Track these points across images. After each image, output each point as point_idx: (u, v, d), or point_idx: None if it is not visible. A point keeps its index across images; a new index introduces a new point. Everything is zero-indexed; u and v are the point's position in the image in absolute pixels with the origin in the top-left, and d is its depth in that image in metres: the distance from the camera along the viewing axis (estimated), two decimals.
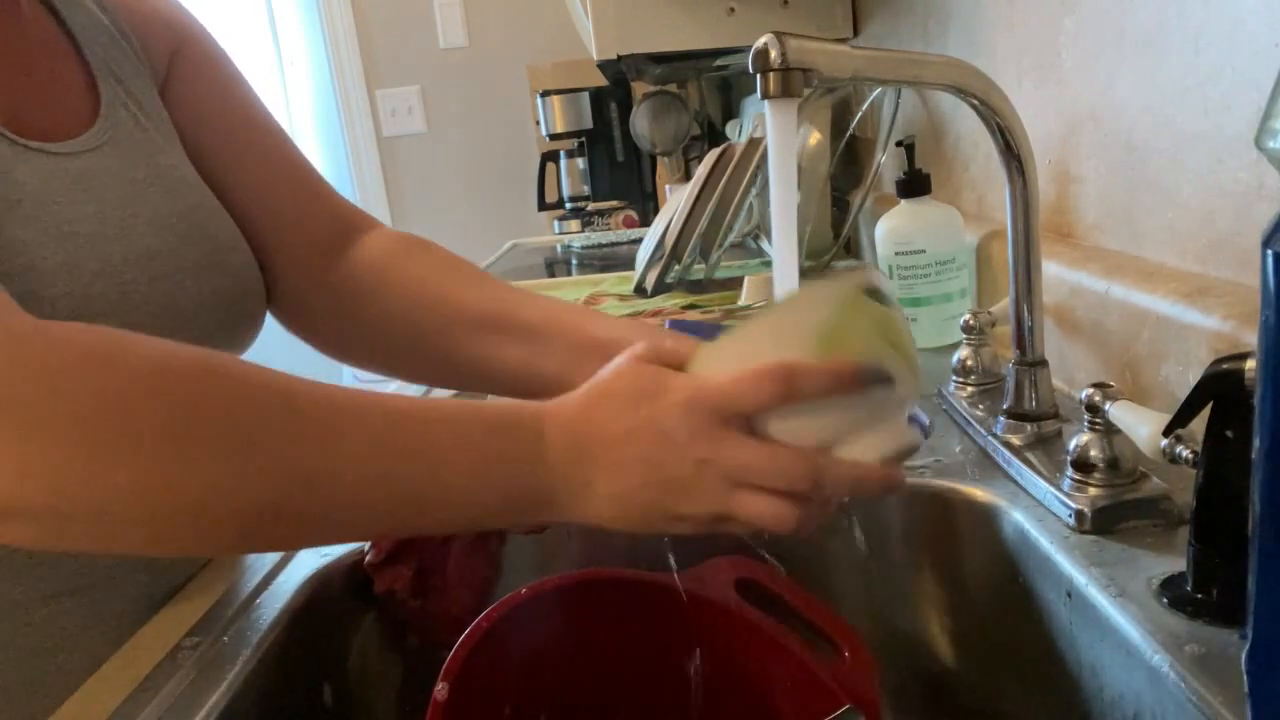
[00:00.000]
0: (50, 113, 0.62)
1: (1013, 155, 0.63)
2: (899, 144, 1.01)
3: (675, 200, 1.48)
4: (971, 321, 0.79)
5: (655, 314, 1.31)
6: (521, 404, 0.50)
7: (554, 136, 2.44)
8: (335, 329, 0.77)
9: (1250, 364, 0.42)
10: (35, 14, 0.64)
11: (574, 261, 2.00)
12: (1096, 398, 0.56)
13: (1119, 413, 0.54)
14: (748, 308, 1.24)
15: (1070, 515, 0.57)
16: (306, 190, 0.77)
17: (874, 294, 0.49)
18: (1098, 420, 0.56)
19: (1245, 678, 0.36)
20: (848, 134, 1.42)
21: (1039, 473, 0.62)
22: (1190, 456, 0.47)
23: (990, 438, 0.69)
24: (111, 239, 0.60)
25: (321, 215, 0.77)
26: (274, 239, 0.74)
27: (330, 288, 0.75)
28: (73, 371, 0.41)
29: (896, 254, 0.98)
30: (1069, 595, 0.54)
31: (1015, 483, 0.64)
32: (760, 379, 0.46)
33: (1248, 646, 0.36)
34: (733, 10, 1.35)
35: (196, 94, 0.73)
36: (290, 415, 0.45)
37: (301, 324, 0.78)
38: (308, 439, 0.45)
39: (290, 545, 0.51)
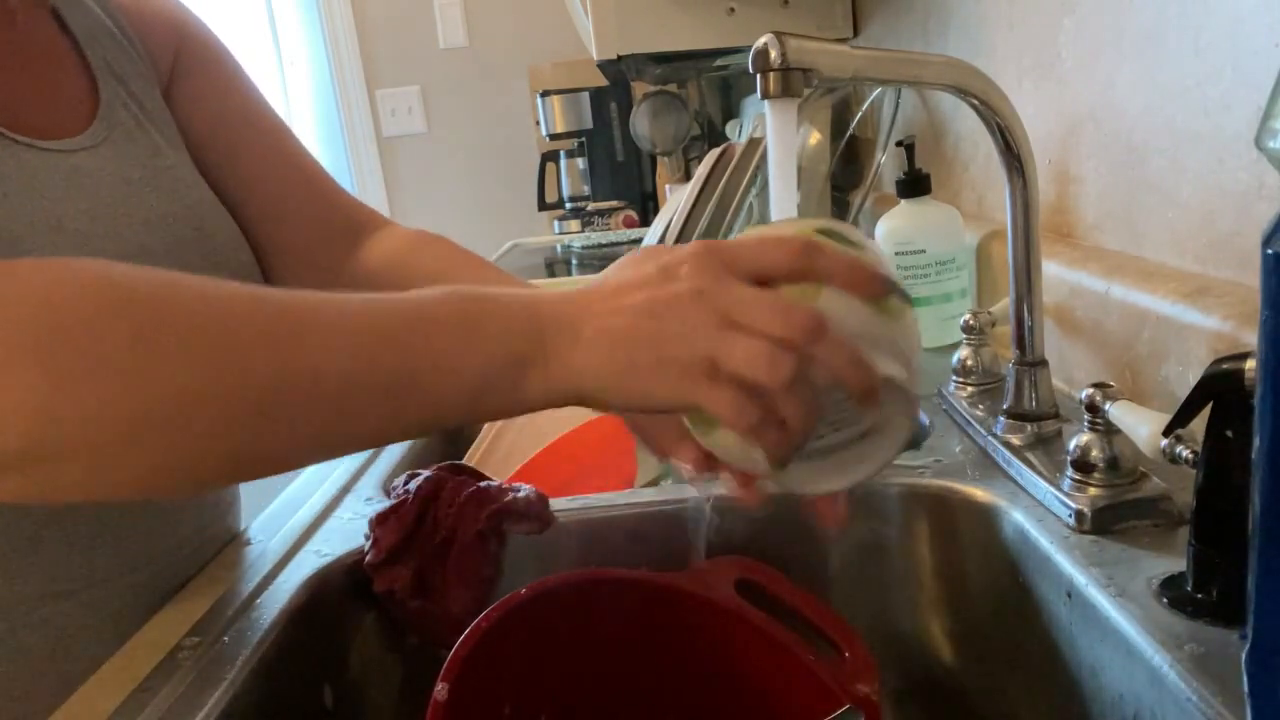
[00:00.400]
0: (48, 113, 0.62)
1: (1013, 155, 0.63)
2: (899, 144, 1.01)
3: (675, 200, 1.48)
4: (971, 321, 0.79)
5: None
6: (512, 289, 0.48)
7: (554, 136, 2.44)
8: None
9: (1250, 364, 0.42)
10: (35, 16, 0.64)
11: (574, 261, 2.00)
12: (1096, 398, 0.56)
13: (1119, 413, 0.54)
14: None
15: (1070, 515, 0.57)
16: (311, 186, 0.77)
17: (832, 235, 0.46)
18: (1098, 420, 0.56)
19: (1245, 678, 0.36)
20: (848, 134, 1.42)
21: (1039, 473, 0.62)
22: (1190, 456, 0.47)
23: (990, 438, 0.69)
24: (102, 236, 0.60)
25: (328, 211, 0.77)
26: (279, 235, 0.74)
27: (346, 285, 0.74)
28: (24, 302, 0.39)
29: (896, 254, 0.98)
30: (1069, 595, 0.54)
31: (1015, 483, 0.64)
32: (782, 244, 0.44)
33: (1248, 646, 0.36)
34: (733, 10, 1.35)
35: (200, 92, 0.73)
36: (258, 314, 0.43)
37: None
38: (281, 333, 0.42)
39: (284, 456, 0.47)
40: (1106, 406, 0.55)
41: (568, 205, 2.49)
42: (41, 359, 0.38)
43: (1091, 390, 0.56)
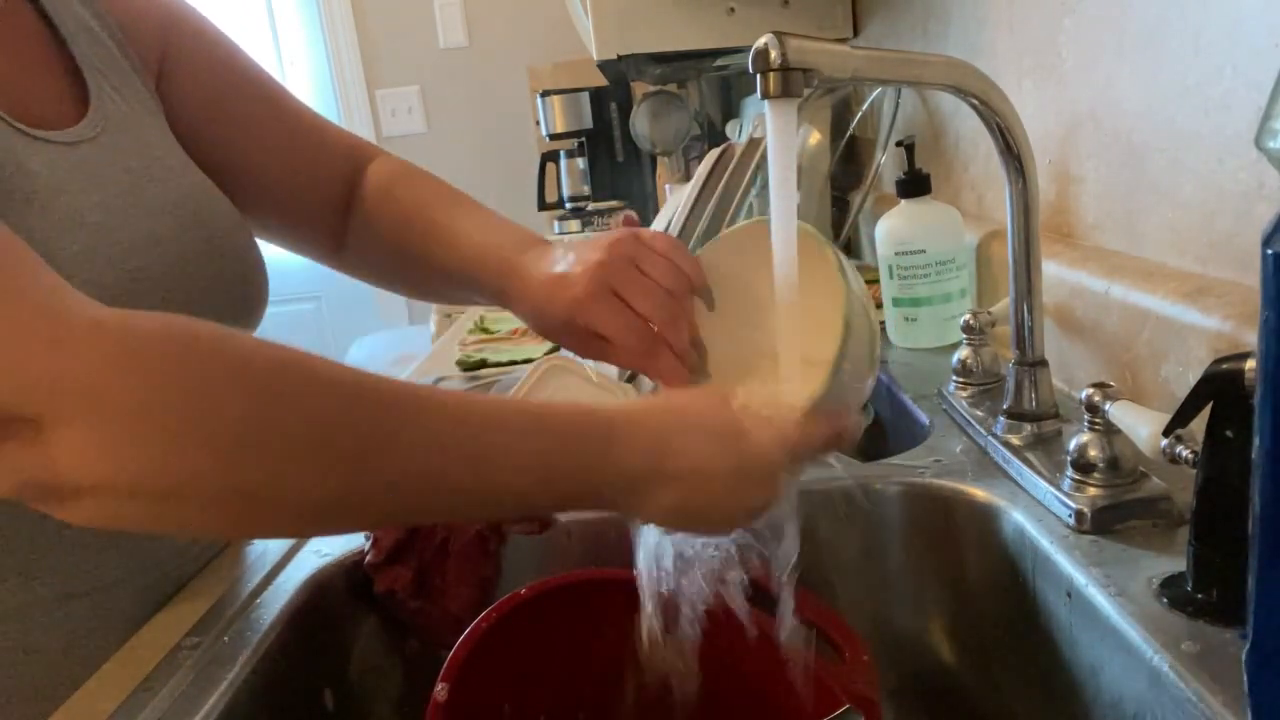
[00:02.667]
0: (45, 106, 0.62)
1: (1013, 155, 0.63)
2: (899, 144, 1.01)
3: (675, 200, 1.48)
4: (971, 321, 0.79)
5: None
6: (593, 411, 0.52)
7: (554, 136, 2.44)
8: (380, 259, 0.81)
9: (1250, 364, 0.42)
10: (16, 8, 0.64)
11: None
12: (1096, 398, 0.56)
13: (1119, 413, 0.54)
14: None
15: (1070, 515, 0.57)
16: (318, 141, 0.80)
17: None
18: (1098, 420, 0.56)
19: (1245, 678, 0.36)
20: (848, 134, 1.42)
21: (1039, 473, 0.62)
22: (1190, 456, 0.47)
23: (990, 438, 0.69)
24: (116, 227, 0.60)
25: (336, 158, 0.81)
26: (301, 194, 0.78)
27: (352, 226, 0.80)
28: (156, 361, 0.42)
29: (896, 254, 0.98)
30: (1069, 595, 0.54)
31: (1015, 483, 0.64)
32: (824, 427, 0.54)
33: (1248, 646, 0.36)
34: (733, 10, 1.35)
35: (195, 79, 0.74)
36: (360, 413, 0.45)
37: (363, 265, 0.82)
38: (377, 436, 0.45)
39: (345, 530, 0.57)
40: (1106, 406, 0.55)
41: (568, 205, 2.48)
42: (165, 417, 0.41)
43: (1091, 390, 0.56)
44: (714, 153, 1.40)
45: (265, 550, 0.70)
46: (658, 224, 1.51)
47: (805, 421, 0.54)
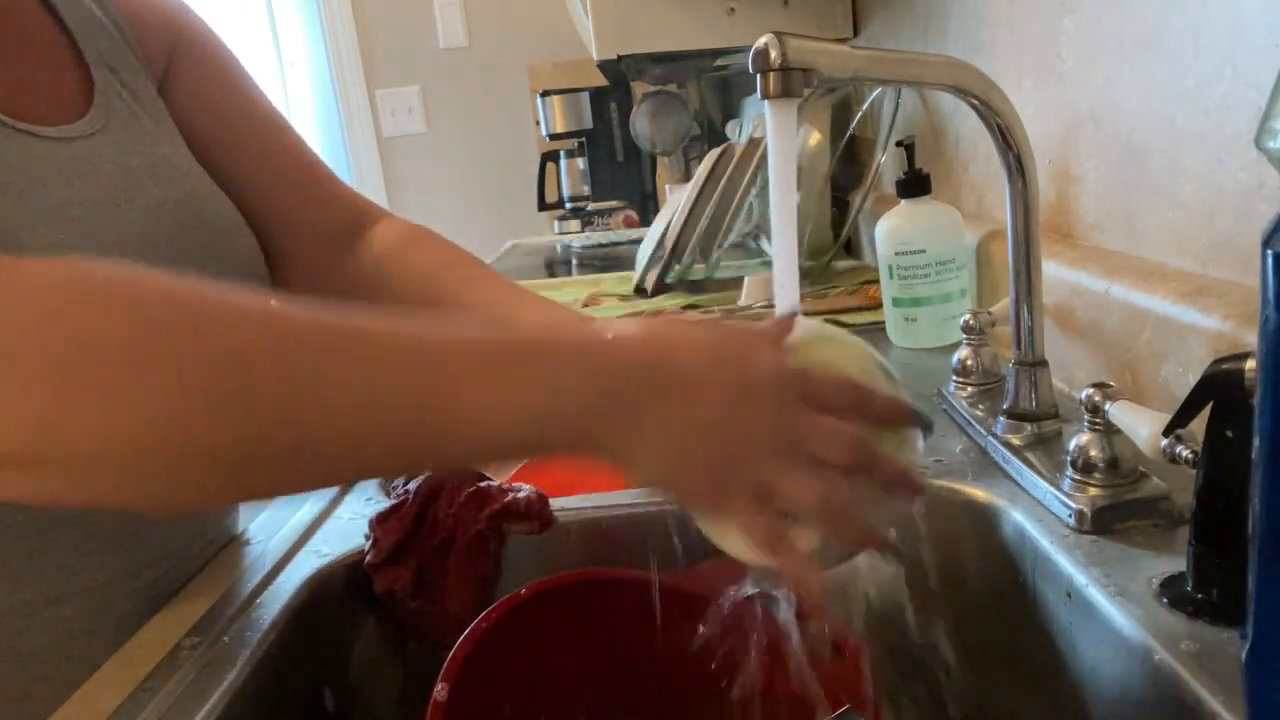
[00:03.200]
0: (44, 100, 0.62)
1: (1013, 155, 0.63)
2: (899, 144, 1.01)
3: (675, 200, 1.48)
4: (971, 321, 0.79)
5: (657, 314, 1.31)
6: (561, 325, 0.46)
7: (554, 136, 2.44)
8: None
9: (1250, 364, 0.42)
10: (26, 4, 0.64)
11: (574, 261, 2.00)
12: (1096, 398, 0.56)
13: (1119, 413, 0.54)
14: (748, 308, 1.24)
15: (1070, 515, 0.57)
16: (312, 182, 0.78)
17: (882, 368, 0.51)
18: (1098, 420, 0.56)
19: (1245, 678, 0.36)
20: (848, 134, 1.42)
21: (1039, 473, 0.62)
22: (1190, 456, 0.47)
23: (990, 438, 0.69)
24: (104, 225, 0.60)
25: (328, 207, 0.78)
26: (283, 232, 0.75)
27: (343, 280, 0.76)
28: (38, 305, 0.38)
29: (896, 254, 0.98)
30: (1069, 595, 0.54)
31: (1015, 483, 0.64)
32: (845, 385, 0.46)
33: (1248, 646, 0.36)
34: (733, 10, 1.35)
35: (198, 91, 0.73)
36: (270, 335, 0.41)
37: None
38: (293, 360, 0.40)
39: (285, 484, 0.45)
40: (1106, 406, 0.55)
41: (568, 205, 2.49)
42: (49, 365, 0.38)
43: (1091, 390, 0.56)
44: (714, 153, 1.41)
45: (265, 550, 0.70)
46: (658, 224, 1.51)
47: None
